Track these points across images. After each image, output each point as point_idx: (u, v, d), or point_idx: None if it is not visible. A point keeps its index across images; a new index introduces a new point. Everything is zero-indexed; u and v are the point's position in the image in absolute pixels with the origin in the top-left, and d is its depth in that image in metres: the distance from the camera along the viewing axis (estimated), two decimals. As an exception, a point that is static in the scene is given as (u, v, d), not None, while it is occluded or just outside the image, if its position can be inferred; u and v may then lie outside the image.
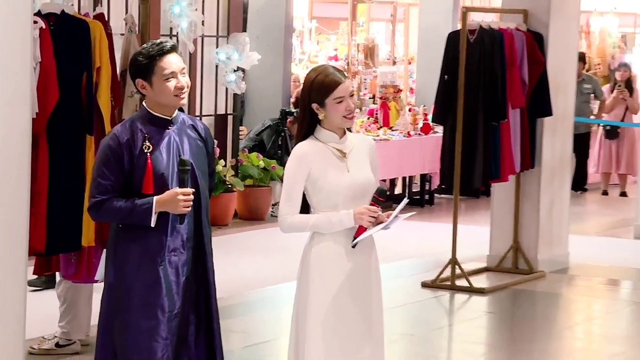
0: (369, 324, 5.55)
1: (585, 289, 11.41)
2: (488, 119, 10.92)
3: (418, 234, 12.70)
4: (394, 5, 19.86)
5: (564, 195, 12.00)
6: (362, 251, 5.50)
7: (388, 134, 15.38)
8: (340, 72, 5.53)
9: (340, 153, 5.49)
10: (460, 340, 9.72)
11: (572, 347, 9.57)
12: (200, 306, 5.68)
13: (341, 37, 19.62)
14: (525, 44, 11.09)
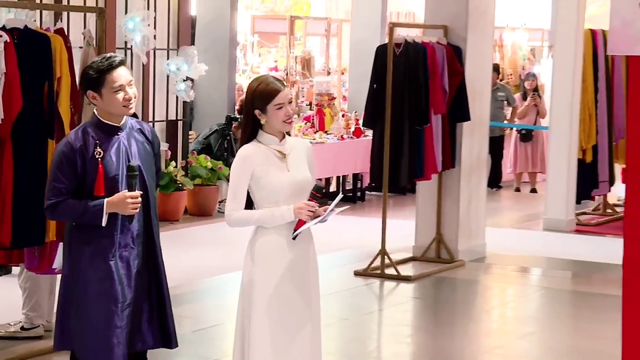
0: (309, 307, 5.59)
1: (500, 276, 11.48)
2: (413, 124, 10.95)
3: (351, 228, 12.73)
4: (327, 22, 19.90)
5: (481, 192, 12.07)
6: (302, 243, 5.56)
7: (323, 138, 15.41)
8: (279, 82, 5.60)
9: (281, 154, 5.53)
10: (389, 323, 9.74)
11: (489, 328, 9.63)
12: (152, 295, 5.71)
13: (280, 50, 19.60)
14: (445, 56, 11.13)
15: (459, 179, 11.59)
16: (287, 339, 5.54)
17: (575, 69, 13.55)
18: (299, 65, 18.36)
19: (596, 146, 13.88)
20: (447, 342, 8.89)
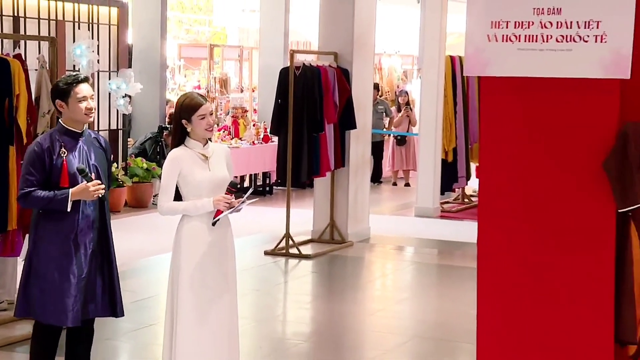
0: (226, 280, 5.60)
1: (381, 253, 11.54)
2: (310, 131, 10.97)
3: (261, 216, 12.70)
4: (240, 49, 19.91)
5: (365, 186, 12.11)
6: (220, 228, 5.57)
7: (239, 143, 15.40)
8: (202, 97, 5.67)
9: (204, 157, 5.56)
10: (292, 292, 9.75)
11: (373, 295, 9.69)
12: (105, 272, 5.72)
13: (202, 72, 19.53)
14: (335, 76, 11.14)
15: (348, 176, 11.64)
16: (208, 306, 5.52)
17: (439, 87, 13.68)
18: (218, 84, 18.32)
19: (456, 148, 14.04)
20: (339, 306, 8.90)
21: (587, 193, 4.99)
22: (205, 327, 5.53)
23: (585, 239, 5.02)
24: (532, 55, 5.00)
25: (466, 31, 5.16)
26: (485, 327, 5.30)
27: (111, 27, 13.83)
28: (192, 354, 5.52)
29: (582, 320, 5.06)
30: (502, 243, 5.22)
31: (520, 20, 5.00)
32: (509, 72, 5.08)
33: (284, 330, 8.37)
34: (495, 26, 5.06)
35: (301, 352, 7.49)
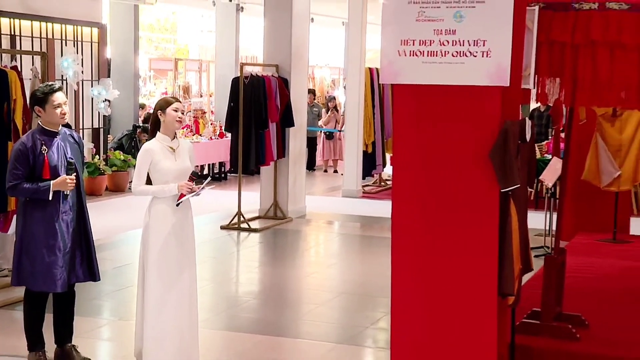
0: (187, 254, 5.58)
1: (315, 227, 11.57)
2: (257, 129, 10.98)
3: (218, 198, 12.67)
4: (200, 62, 19.78)
5: (302, 172, 12.13)
6: (182, 209, 5.53)
7: (199, 138, 15.31)
8: (175, 98, 5.73)
9: (171, 149, 5.54)
10: (244, 259, 9.75)
11: (308, 261, 9.72)
12: (82, 245, 5.68)
13: (169, 81, 19.37)
14: (277, 84, 11.14)
15: (288, 165, 11.65)
16: (171, 274, 5.51)
17: (360, 93, 13.74)
18: (181, 91, 18.24)
19: (374, 142, 14.11)
20: (281, 270, 8.92)
21: (476, 177, 5.07)
22: (169, 290, 5.52)
23: (475, 213, 5.10)
24: (433, 67, 5.06)
25: (381, 48, 5.21)
26: (398, 284, 5.37)
27: (93, 44, 13.64)
28: (159, 312, 5.52)
29: (473, 278, 5.15)
30: (411, 217, 5.29)
31: (424, 39, 5.06)
32: (415, 80, 5.13)
33: (237, 290, 8.37)
34: (404, 44, 5.11)
35: (251, 307, 7.50)
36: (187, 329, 5.65)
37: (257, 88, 10.95)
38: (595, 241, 9.37)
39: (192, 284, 5.66)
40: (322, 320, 7.13)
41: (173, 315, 5.55)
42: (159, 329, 5.53)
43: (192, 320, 5.69)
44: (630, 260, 8.47)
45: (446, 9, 4.98)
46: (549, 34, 5.54)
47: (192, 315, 5.69)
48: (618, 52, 5.53)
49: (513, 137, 4.97)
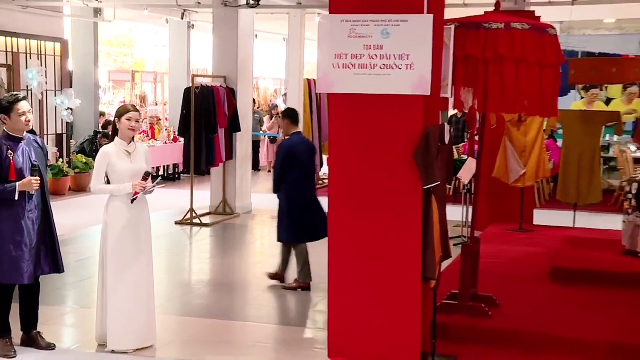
0: (142, 246, 5.56)
1: (260, 221, 11.53)
2: (207, 133, 10.91)
3: (172, 196, 12.56)
4: (155, 74, 19.56)
5: (248, 172, 12.09)
6: (137, 206, 5.51)
7: (154, 142, 15.11)
8: (133, 106, 5.68)
9: (127, 152, 5.52)
10: (196, 251, 9.66)
11: (254, 252, 9.68)
12: (47, 241, 5.57)
13: (126, 91, 19.11)
14: (225, 93, 11.08)
15: (235, 165, 11.60)
16: (128, 264, 5.48)
17: (300, 101, 13.75)
18: (138, 100, 17.98)
19: (313, 145, 14.13)
20: (229, 260, 8.88)
21: (402, 175, 5.13)
22: (126, 279, 5.49)
23: (401, 207, 5.16)
24: (364, 78, 5.10)
25: (317, 61, 5.23)
26: (334, 270, 5.40)
27: (55, 57, 13.39)
28: (118, 298, 5.50)
29: (399, 264, 5.21)
30: (345, 211, 5.32)
31: (355, 53, 5.09)
32: (348, 90, 5.17)
33: (189, 279, 8.30)
34: (337, 57, 5.14)
35: (202, 294, 7.46)
36: (145, 314, 5.61)
37: (207, 97, 10.88)
38: (505, 231, 9.55)
39: (148, 272, 5.63)
40: (267, 304, 7.12)
41: (131, 301, 5.52)
42: (119, 314, 5.49)
43: (149, 306, 5.65)
44: (534, 247, 8.66)
45: (374, 26, 5.02)
46: (464, 50, 5.64)
47: (150, 301, 5.66)
48: (522, 66, 5.65)
49: (434, 140, 5.04)
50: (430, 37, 4.93)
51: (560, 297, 6.73)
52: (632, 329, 5.34)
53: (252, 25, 11.85)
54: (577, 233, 9.29)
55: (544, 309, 6.38)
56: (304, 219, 7.33)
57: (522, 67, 5.65)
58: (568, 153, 9.71)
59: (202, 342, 5.94)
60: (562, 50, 6.01)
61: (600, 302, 6.54)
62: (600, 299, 6.62)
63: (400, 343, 5.23)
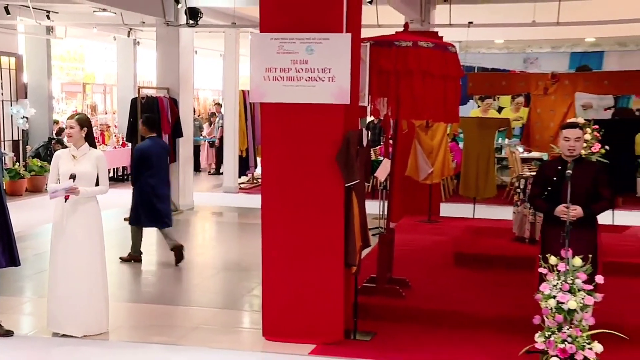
0: (87, 240, 5.42)
1: (201, 217, 11.38)
2: (152, 139, 10.72)
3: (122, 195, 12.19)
4: (104, 86, 19.09)
5: (190, 173, 11.91)
6: (82, 202, 5.37)
7: (105, 148, 14.74)
8: (72, 116, 5.57)
9: (73, 156, 5.42)
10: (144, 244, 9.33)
11: (197, 244, 9.52)
12: (4, 237, 5.40)
13: (79, 101, 18.59)
14: (169, 103, 10.90)
15: (178, 167, 11.41)
16: (67, 257, 5.35)
17: (236, 110, 13.63)
18: (90, 109, 17.54)
19: (248, 148, 14.03)
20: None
21: (326, 174, 5.14)
22: (65, 270, 5.36)
23: (326, 202, 5.17)
24: (291, 89, 5.09)
25: (250, 74, 5.19)
26: (267, 260, 5.37)
27: (11, 71, 13.01)
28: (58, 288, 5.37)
29: (324, 252, 5.21)
30: (276, 207, 5.30)
31: (283, 67, 5.08)
32: (277, 100, 5.15)
33: (139, 268, 8.12)
34: (268, 71, 5.11)
35: (151, 282, 7.32)
36: (95, 302, 5.44)
37: (152, 106, 10.70)
38: (416, 222, 9.67)
39: (95, 263, 5.46)
40: (208, 290, 7.03)
41: (77, 290, 5.36)
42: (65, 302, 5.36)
43: (98, 295, 5.47)
44: (440, 235, 8.79)
45: (300, 43, 5.02)
46: (378, 64, 5.68)
47: (99, 290, 5.47)
48: (428, 79, 5.73)
49: (353, 143, 5.06)
50: (349, 54, 4.95)
51: (463, 278, 6.85)
52: (520, 304, 5.48)
53: (192, 43, 11.71)
54: (476, 223, 9.47)
55: (449, 289, 6.48)
56: (152, 208, 7.82)
57: (428, 80, 5.73)
58: (468, 154, 9.90)
59: (149, 326, 5.82)
60: (461, 65, 6.13)
61: (495, 281, 6.69)
62: (495, 279, 6.77)
63: (327, 322, 5.24)
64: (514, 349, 5.00)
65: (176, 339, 5.48)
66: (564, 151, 5.10)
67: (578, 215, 4.88)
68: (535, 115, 9.57)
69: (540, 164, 5.89)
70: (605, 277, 4.92)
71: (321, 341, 5.23)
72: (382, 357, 5.07)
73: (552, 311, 4.71)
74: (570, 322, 4.69)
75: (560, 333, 4.68)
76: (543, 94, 9.24)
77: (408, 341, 5.39)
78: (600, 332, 4.72)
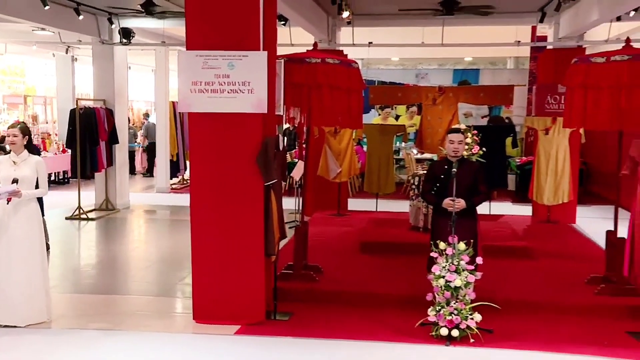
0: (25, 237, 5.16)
1: (137, 215, 11.04)
2: (91, 146, 10.35)
3: (63, 197, 11.75)
4: (45, 98, 18.24)
5: (126, 176, 11.52)
6: (23, 205, 5.11)
7: (46, 154, 14.05)
8: (13, 125, 5.33)
9: (14, 162, 5.17)
10: (84, 240, 9.06)
11: (134, 239, 9.23)
12: None
13: (20, 112, 17.68)
14: (105, 113, 10.52)
15: (115, 170, 11.03)
16: (9, 252, 5.10)
17: (166, 119, 13.33)
18: (31, 119, 16.72)
19: (178, 153, 13.74)
20: (113, 246, 8.43)
21: (248, 175, 5.09)
22: (7, 265, 5.10)
23: (247, 200, 5.11)
24: (215, 100, 5.01)
25: (178, 87, 5.08)
26: (196, 251, 5.27)
27: (-45, 84, 12.18)
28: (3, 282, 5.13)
29: (247, 244, 5.16)
30: (204, 205, 5.20)
31: (208, 81, 5.00)
32: (203, 110, 5.06)
33: (79, 263, 7.78)
34: (194, 84, 5.02)
35: (91, 275, 7.04)
36: (36, 293, 5.18)
37: (90, 116, 10.32)
38: (327, 215, 9.73)
39: (34, 257, 5.20)
40: (144, 280, 6.82)
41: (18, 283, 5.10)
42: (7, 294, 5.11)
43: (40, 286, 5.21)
44: (348, 227, 8.87)
45: (222, 60, 4.96)
46: (291, 78, 5.68)
47: (41, 282, 5.22)
48: (335, 91, 5.77)
49: (271, 147, 5.03)
50: (266, 69, 4.93)
51: (367, 263, 6.93)
52: (417, 283, 5.59)
53: (125, 59, 11.35)
54: (379, 215, 9.62)
55: (356, 273, 6.54)
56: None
57: (335, 92, 5.77)
58: (371, 156, 10.04)
59: (90, 314, 5.59)
60: (363, 79, 6.19)
61: (395, 265, 6.80)
62: (395, 263, 6.88)
63: (250, 305, 5.19)
64: (412, 322, 5.10)
65: (113, 325, 5.29)
66: (449, 152, 5.23)
67: (462, 207, 5.03)
68: (426, 122, 9.81)
69: (431, 163, 6.04)
70: (484, 258, 5.10)
71: (245, 322, 5.17)
72: (299, 334, 5.06)
73: (442, 289, 4.84)
74: (456, 297, 4.82)
75: (448, 307, 4.81)
76: (432, 104, 9.49)
77: (321, 319, 5.41)
78: (479, 305, 4.89)
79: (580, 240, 8.14)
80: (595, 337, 4.99)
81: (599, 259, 6.42)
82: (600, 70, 5.37)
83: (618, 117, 5.33)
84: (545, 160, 8.75)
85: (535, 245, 7.48)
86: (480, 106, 14.16)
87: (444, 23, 9.51)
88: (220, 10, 4.94)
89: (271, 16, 5.09)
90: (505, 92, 9.18)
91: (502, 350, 4.71)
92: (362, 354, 4.72)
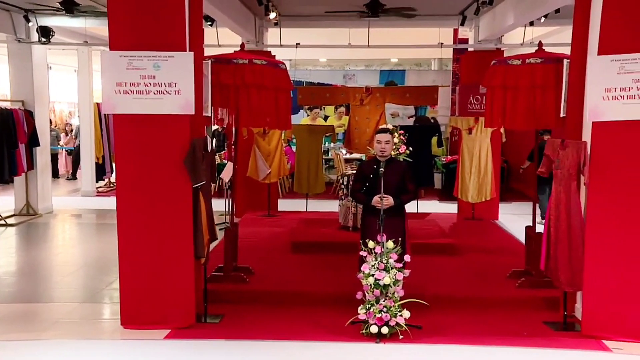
0: None
1: (61, 220, 10.62)
2: (9, 149, 9.86)
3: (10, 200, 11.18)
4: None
5: (48, 179, 11.00)
6: None
7: None
8: None
9: None
10: (3, 247, 8.60)
11: (57, 244, 8.84)
12: None
13: None
14: (24, 115, 10.04)
15: (36, 174, 10.58)
16: None
17: (91, 120, 12.90)
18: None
19: (104, 155, 13.33)
20: (34, 253, 8.05)
21: (176, 177, 4.99)
22: None
23: (175, 201, 5.02)
24: (141, 102, 4.90)
25: (102, 88, 4.93)
26: (123, 255, 5.13)
27: None
28: None
29: (176, 246, 5.07)
30: (130, 206, 5.07)
31: (133, 82, 4.88)
32: (128, 111, 4.93)
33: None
34: (119, 85, 4.88)
35: (11, 283, 6.71)
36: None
37: (7, 118, 9.81)
38: (257, 216, 9.68)
39: None
40: (69, 286, 6.57)
41: None
42: None
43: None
44: (279, 227, 8.86)
45: (147, 60, 4.85)
46: (219, 79, 5.61)
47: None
48: (263, 91, 5.75)
49: (199, 149, 4.95)
50: (192, 70, 4.85)
51: (298, 263, 6.94)
52: (347, 282, 5.65)
53: (45, 58, 10.88)
54: (309, 215, 9.65)
55: (287, 273, 6.54)
56: None
57: (263, 93, 5.75)
58: (300, 156, 10.06)
59: (10, 323, 5.33)
60: (291, 80, 6.20)
61: (326, 264, 6.84)
62: (326, 262, 6.92)
63: (179, 308, 5.10)
64: (342, 321, 5.14)
65: (36, 335, 5.06)
66: (377, 152, 5.31)
67: (390, 204, 5.11)
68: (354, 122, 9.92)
69: (360, 163, 6.11)
70: (412, 256, 5.21)
71: (175, 326, 5.07)
72: (230, 337, 5.01)
73: (371, 287, 4.91)
74: (385, 295, 4.90)
75: (378, 305, 4.88)
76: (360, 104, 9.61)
77: (253, 320, 5.37)
78: (408, 302, 4.99)
79: (502, 236, 8.45)
80: (517, 328, 5.19)
81: (520, 253, 6.68)
82: (517, 72, 5.60)
83: (534, 116, 5.57)
84: (469, 159, 9.03)
85: (461, 241, 7.70)
86: (406, 106, 14.47)
87: (370, 25, 9.65)
88: (145, 10, 4.82)
89: (197, 16, 5.02)
90: (430, 92, 9.41)
91: (430, 346, 4.82)
92: (292, 353, 4.72)
